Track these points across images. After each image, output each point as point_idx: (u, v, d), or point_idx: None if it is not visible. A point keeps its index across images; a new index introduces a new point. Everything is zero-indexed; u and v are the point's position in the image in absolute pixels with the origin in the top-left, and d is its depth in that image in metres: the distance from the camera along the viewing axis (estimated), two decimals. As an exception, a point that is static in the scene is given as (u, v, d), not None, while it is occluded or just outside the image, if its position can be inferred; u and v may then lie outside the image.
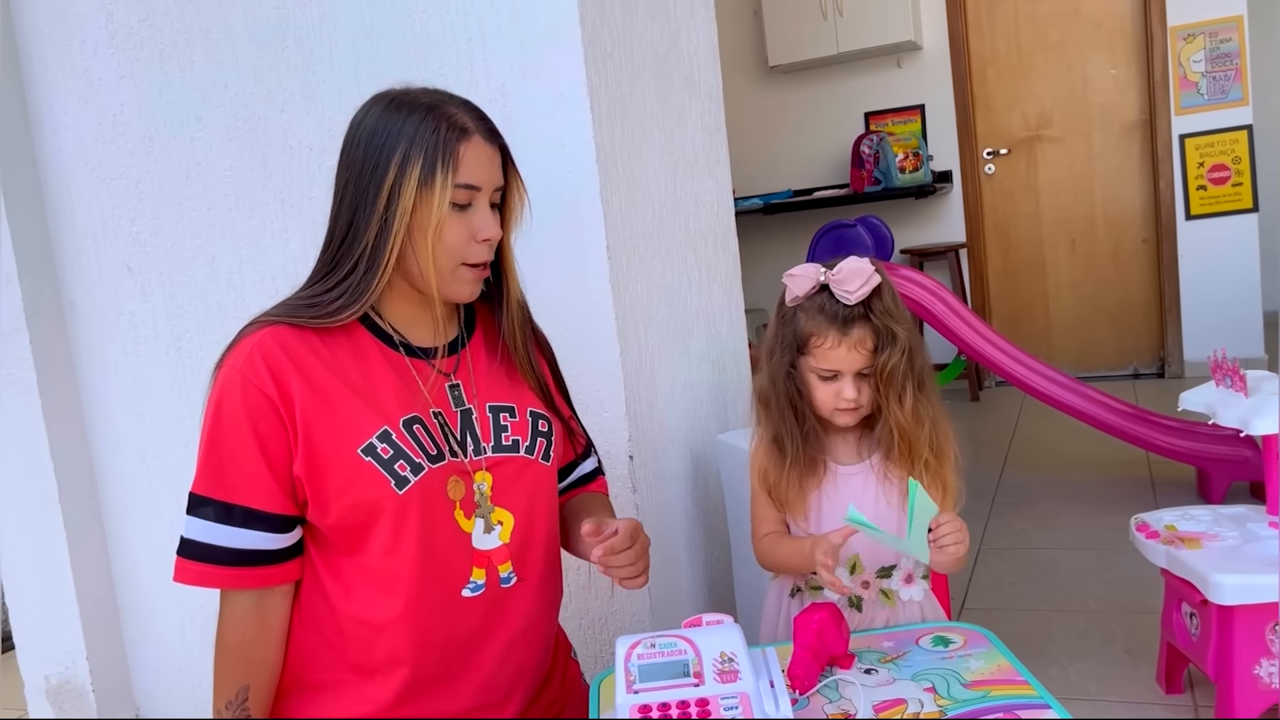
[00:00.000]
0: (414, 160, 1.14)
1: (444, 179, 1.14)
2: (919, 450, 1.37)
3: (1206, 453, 3.13)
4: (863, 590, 1.44)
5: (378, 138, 1.17)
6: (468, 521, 1.21)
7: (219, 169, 2.00)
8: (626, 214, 1.83)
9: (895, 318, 1.35)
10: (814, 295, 1.38)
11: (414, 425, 1.18)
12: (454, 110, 1.18)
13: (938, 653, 1.30)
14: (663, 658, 1.09)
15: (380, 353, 1.21)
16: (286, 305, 1.20)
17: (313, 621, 1.21)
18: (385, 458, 1.15)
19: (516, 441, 1.26)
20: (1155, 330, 5.02)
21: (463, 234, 1.18)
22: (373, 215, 1.15)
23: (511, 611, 1.25)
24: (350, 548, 1.18)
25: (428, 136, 1.15)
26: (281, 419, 1.13)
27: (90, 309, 2.16)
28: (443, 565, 1.19)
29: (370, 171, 1.16)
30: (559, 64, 1.72)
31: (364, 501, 1.15)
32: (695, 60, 2.23)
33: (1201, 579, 1.79)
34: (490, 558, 1.22)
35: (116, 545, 2.23)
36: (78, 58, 2.08)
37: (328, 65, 1.88)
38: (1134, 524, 2.03)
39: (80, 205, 2.13)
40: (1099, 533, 2.96)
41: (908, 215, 5.17)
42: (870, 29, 5.00)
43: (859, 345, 1.34)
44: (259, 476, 1.14)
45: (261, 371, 1.13)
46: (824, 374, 1.38)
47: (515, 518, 1.24)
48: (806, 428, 1.41)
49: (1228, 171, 4.72)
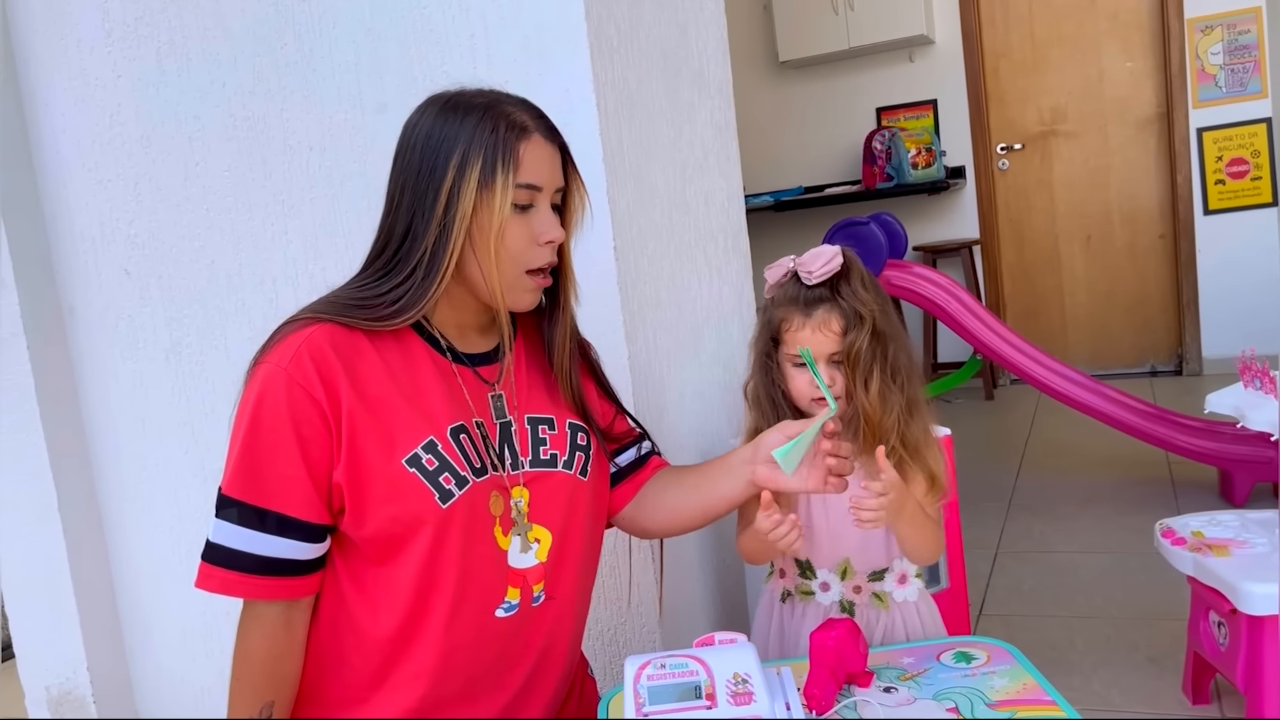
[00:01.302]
0: (473, 161, 1.11)
1: (504, 179, 1.11)
2: (885, 438, 1.32)
3: (1229, 453, 3.07)
4: (855, 595, 1.42)
5: (434, 140, 1.13)
6: (505, 539, 1.17)
7: (217, 169, 1.96)
8: (634, 213, 1.78)
9: (864, 301, 1.33)
10: (784, 282, 1.39)
11: (460, 435, 1.14)
12: (512, 109, 1.15)
13: (960, 670, 1.25)
14: (673, 679, 1.05)
15: (429, 358, 1.17)
16: (333, 303, 1.15)
17: (331, 636, 1.17)
18: (430, 469, 1.11)
19: (554, 456, 1.22)
20: (1173, 327, 4.94)
21: (524, 236, 1.14)
22: (431, 219, 1.12)
23: (539, 631, 1.21)
24: (383, 559, 1.13)
25: (486, 136, 1.11)
26: (327, 423, 1.09)
27: (89, 314, 2.12)
28: (479, 584, 1.15)
29: (428, 175, 1.13)
30: (564, 59, 1.67)
31: (405, 514, 1.10)
32: (704, 55, 2.17)
33: (1231, 588, 1.73)
34: (525, 577, 1.18)
35: (117, 553, 2.19)
36: (74, 57, 2.04)
37: (328, 63, 1.84)
38: (1159, 530, 1.97)
39: (78, 208, 2.09)
40: (1119, 535, 2.90)
41: (920, 212, 5.11)
42: (881, 23, 4.94)
43: (823, 326, 1.33)
44: (298, 482, 1.09)
45: (309, 371, 1.08)
46: (796, 361, 1.36)
47: (552, 535, 1.20)
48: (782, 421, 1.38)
49: (1247, 165, 4.65)
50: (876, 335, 1.33)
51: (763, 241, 2.54)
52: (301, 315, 1.14)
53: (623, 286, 1.71)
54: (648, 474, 1.38)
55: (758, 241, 2.45)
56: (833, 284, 1.34)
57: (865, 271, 1.38)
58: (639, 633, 1.77)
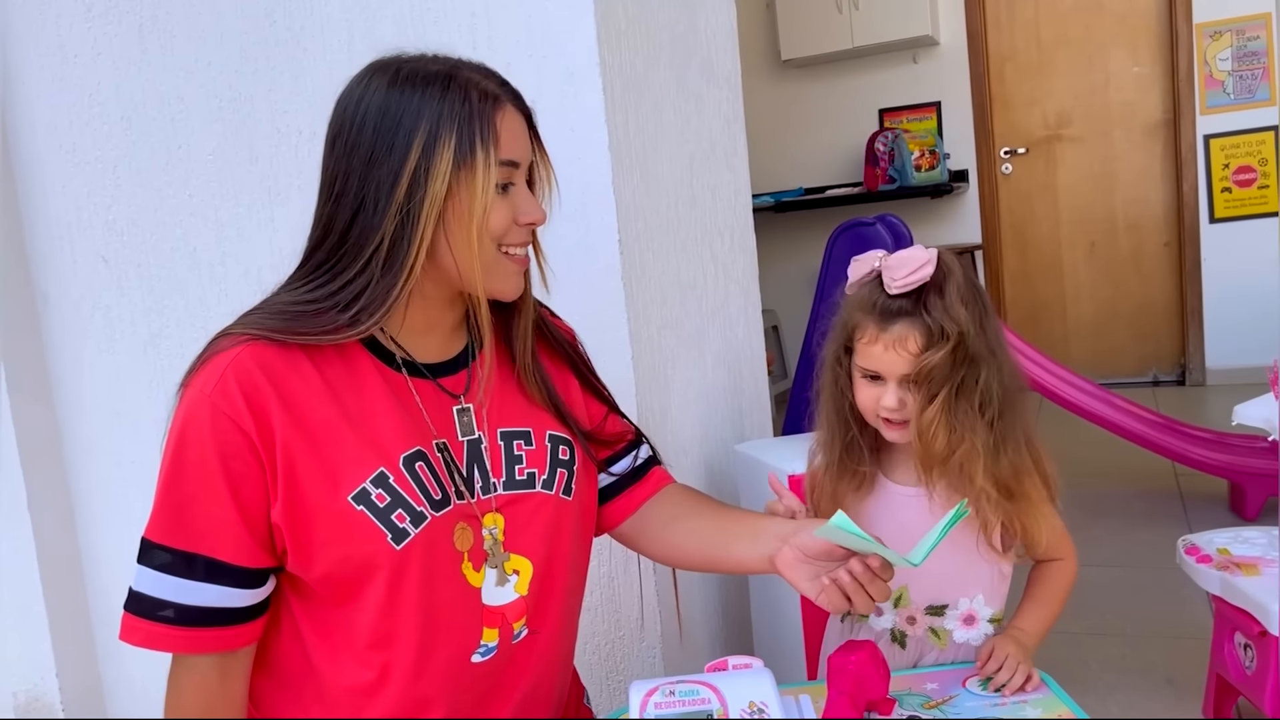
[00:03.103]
0: (444, 138, 0.96)
1: (486, 156, 0.97)
2: (971, 479, 1.16)
3: (1241, 466, 2.99)
4: (908, 626, 1.28)
5: (389, 115, 0.98)
6: (476, 574, 1.03)
7: (202, 153, 1.86)
8: (640, 206, 1.69)
9: (954, 316, 1.14)
10: (866, 283, 1.21)
11: (416, 463, 1.00)
12: (477, 76, 1.01)
13: (989, 699, 1.17)
14: (683, 707, 0.95)
15: (379, 373, 1.02)
16: (270, 313, 0.99)
17: (288, 682, 1.04)
18: (381, 506, 0.97)
19: (532, 475, 1.08)
20: (1176, 336, 4.88)
21: (506, 219, 1.01)
22: (389, 206, 0.96)
23: (522, 669, 1.07)
24: (339, 603, 1.00)
25: (457, 109, 0.97)
26: (259, 457, 0.95)
27: (63, 302, 2.02)
28: (448, 629, 1.02)
29: (385, 155, 0.97)
30: (569, 41, 1.58)
31: (355, 556, 0.97)
32: (714, 44, 2.09)
33: (1262, 609, 1.65)
34: (504, 614, 1.05)
35: (89, 554, 2.09)
36: (51, 32, 1.94)
37: (319, 42, 1.75)
38: (1182, 547, 1.89)
39: (53, 191, 1.99)
40: (1129, 549, 2.82)
41: (922, 215, 5.04)
42: (886, 23, 4.86)
43: (899, 344, 1.15)
44: (227, 523, 0.95)
45: (236, 399, 0.94)
46: (868, 373, 1.20)
47: (534, 565, 1.07)
48: (850, 435, 1.24)
49: (1254, 173, 4.58)
50: (961, 354, 1.15)
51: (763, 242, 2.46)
52: (233, 330, 0.99)
53: (627, 282, 1.63)
54: (650, 489, 1.23)
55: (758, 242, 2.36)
56: (920, 294, 1.16)
57: (967, 281, 1.18)
58: (637, 649, 1.68)
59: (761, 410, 2.21)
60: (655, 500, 1.22)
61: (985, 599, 1.28)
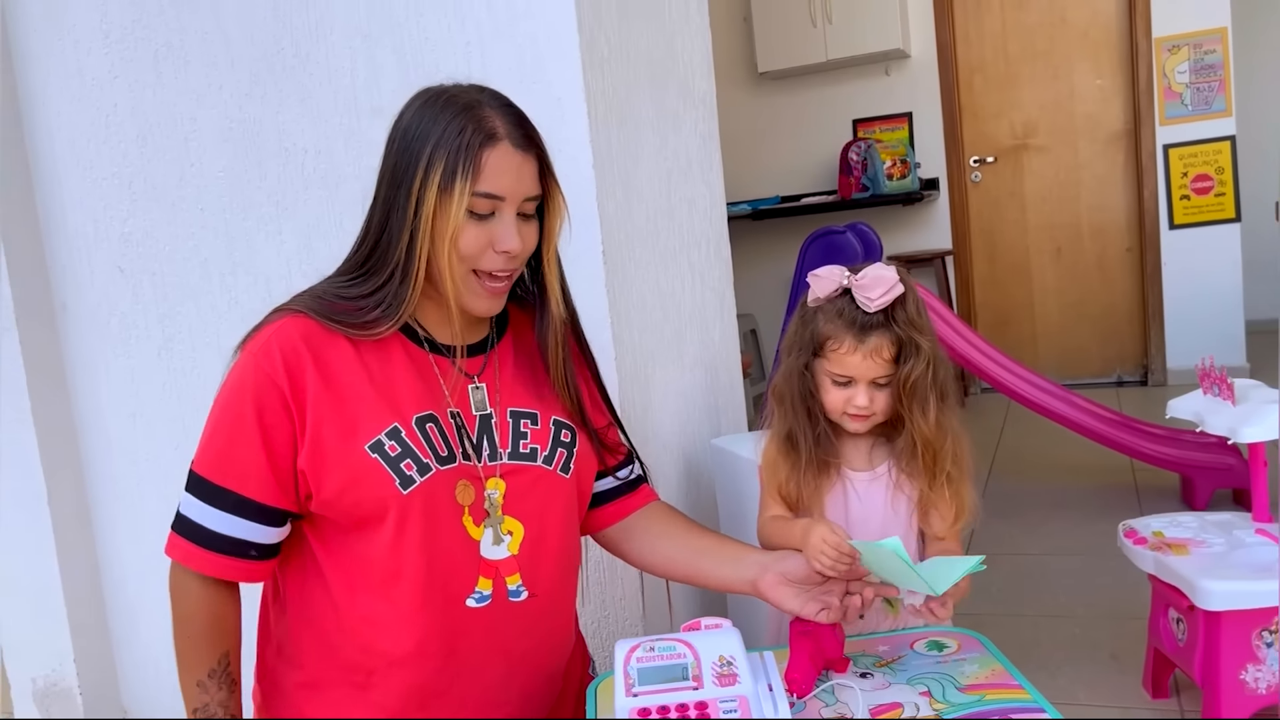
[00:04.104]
0: (437, 164, 1.10)
1: (462, 185, 1.10)
2: (942, 463, 1.35)
3: (1191, 460, 3.16)
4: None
5: (410, 136, 1.13)
6: (477, 529, 1.18)
7: (213, 170, 2.00)
8: (622, 218, 1.84)
9: (918, 328, 1.32)
10: (835, 299, 1.36)
11: (427, 424, 1.16)
12: (489, 113, 1.13)
13: (932, 657, 1.31)
14: (662, 661, 1.09)
15: (404, 348, 1.19)
16: (318, 299, 1.17)
17: (312, 618, 1.20)
18: (392, 455, 1.13)
19: (535, 450, 1.22)
20: (1139, 338, 5.06)
21: (480, 243, 1.14)
22: (404, 219, 1.12)
23: (519, 628, 1.21)
24: (354, 542, 1.16)
25: (453, 139, 1.10)
26: (290, 412, 1.12)
27: (81, 310, 2.15)
28: (447, 570, 1.16)
29: (403, 172, 1.13)
30: (557, 69, 1.72)
31: (368, 498, 1.13)
32: (690, 67, 2.24)
33: (1189, 585, 1.80)
34: (498, 568, 1.19)
35: (105, 547, 2.22)
36: (71, 57, 2.07)
37: (324, 68, 1.88)
38: (1122, 530, 2.05)
39: (72, 205, 2.12)
40: (1085, 539, 2.98)
41: (895, 222, 5.20)
42: (859, 37, 5.03)
43: (875, 354, 1.33)
44: (255, 465, 1.12)
45: (276, 361, 1.12)
46: (838, 379, 1.36)
47: (525, 529, 1.21)
48: (819, 429, 1.40)
49: (1211, 181, 4.77)
50: (930, 362, 1.33)
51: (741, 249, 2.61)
52: (285, 306, 1.18)
53: (610, 289, 1.77)
54: (639, 502, 1.37)
55: (736, 250, 2.51)
56: (888, 310, 1.33)
57: (918, 297, 1.36)
58: (622, 626, 1.82)
59: (736, 407, 2.36)
60: (642, 513, 1.38)
61: None
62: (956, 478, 1.37)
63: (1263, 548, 1.87)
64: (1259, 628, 1.80)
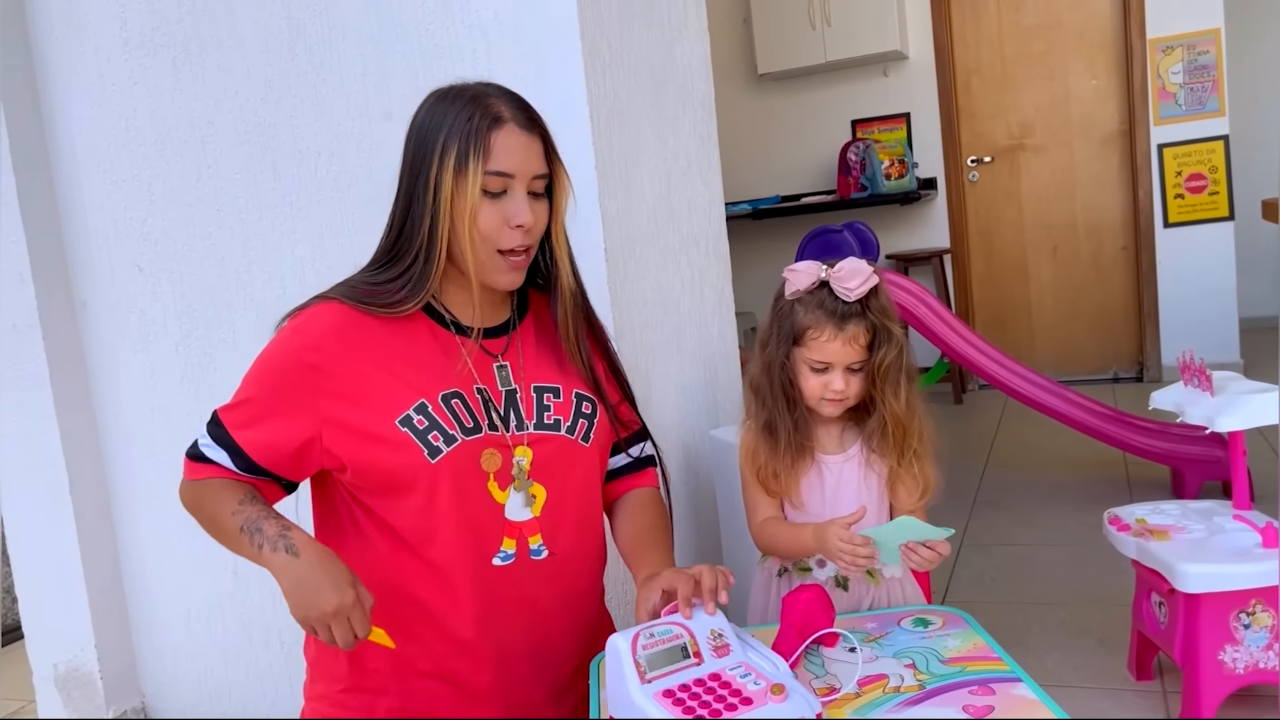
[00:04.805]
0: (450, 149, 1.20)
1: (475, 165, 1.20)
2: (910, 440, 1.46)
3: (1180, 453, 3.23)
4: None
5: (424, 130, 1.24)
6: (502, 493, 1.28)
7: (229, 172, 2.07)
8: (623, 218, 1.91)
9: (890, 316, 1.44)
10: (814, 291, 1.46)
11: (453, 400, 1.25)
12: (493, 100, 1.24)
13: (918, 633, 1.38)
14: (664, 644, 1.15)
15: (430, 332, 1.29)
16: (352, 287, 1.28)
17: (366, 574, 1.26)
18: (420, 428, 1.22)
19: (558, 421, 1.32)
20: (1134, 335, 5.12)
21: (496, 220, 1.23)
22: (424, 206, 1.22)
23: (541, 584, 1.31)
24: (391, 506, 1.26)
25: (462, 125, 1.21)
26: (316, 392, 1.22)
27: (101, 307, 2.22)
28: (474, 531, 1.26)
29: (420, 164, 1.23)
30: (560, 74, 1.79)
31: (400, 467, 1.22)
32: (689, 70, 2.31)
33: (1169, 569, 1.87)
34: (521, 529, 1.29)
35: (125, 537, 2.29)
36: (91, 63, 2.14)
37: (336, 73, 1.95)
38: (1106, 518, 2.12)
39: (92, 206, 2.19)
40: (1076, 529, 3.05)
41: (893, 221, 5.27)
42: (857, 39, 5.09)
43: (853, 340, 1.43)
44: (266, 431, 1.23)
45: (311, 338, 1.23)
46: (816, 366, 1.46)
47: (548, 493, 1.31)
48: (797, 415, 1.49)
49: (1205, 180, 4.83)
50: (900, 347, 1.44)
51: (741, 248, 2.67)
52: (322, 294, 1.28)
53: (612, 287, 1.84)
54: (638, 483, 1.46)
55: (736, 248, 2.58)
56: (864, 300, 1.43)
57: (885, 286, 1.47)
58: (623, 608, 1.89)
59: (734, 400, 2.43)
60: (635, 493, 1.46)
61: None
62: (922, 454, 1.47)
63: (1241, 533, 1.94)
64: (1237, 610, 1.87)
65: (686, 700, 1.09)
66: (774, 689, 1.10)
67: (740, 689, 1.11)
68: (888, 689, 1.23)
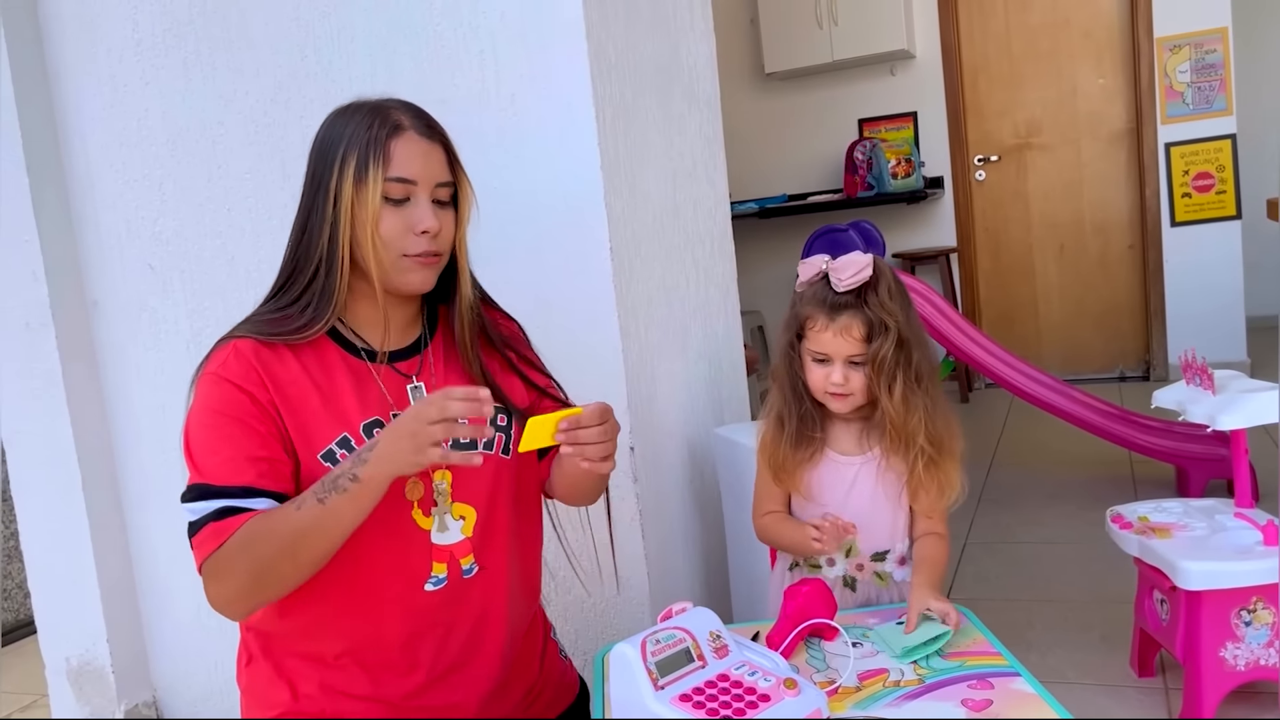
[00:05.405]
0: (350, 159, 1.20)
1: (375, 173, 1.19)
2: (912, 439, 1.44)
3: (1185, 451, 3.24)
4: (857, 572, 1.54)
5: (324, 144, 1.25)
6: (426, 519, 1.26)
7: (239, 172, 2.09)
8: (628, 218, 1.92)
9: (889, 311, 1.43)
10: (815, 282, 1.48)
11: (374, 429, 1.23)
12: (391, 109, 1.24)
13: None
14: (671, 650, 1.16)
15: (343, 360, 1.26)
16: (253, 321, 1.26)
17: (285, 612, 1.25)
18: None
19: (474, 440, 1.27)
20: (1141, 334, 5.13)
21: (399, 226, 1.21)
22: (323, 218, 1.21)
23: (473, 600, 1.30)
24: None
25: (362, 134, 1.21)
26: (262, 408, 1.18)
27: (113, 306, 2.25)
28: (400, 561, 1.25)
29: (320, 177, 1.23)
30: (566, 75, 1.81)
31: None
32: (694, 71, 2.33)
33: (1171, 566, 1.88)
34: (452, 552, 1.27)
35: (136, 532, 2.31)
36: (103, 64, 2.17)
37: (345, 74, 1.97)
38: (1109, 516, 2.13)
39: (105, 206, 2.22)
40: (1080, 528, 3.06)
41: (900, 220, 5.28)
42: (864, 38, 5.10)
43: (845, 331, 1.43)
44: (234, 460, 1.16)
45: (236, 371, 1.19)
46: (817, 356, 1.47)
47: (477, 512, 1.29)
48: (803, 408, 1.51)
49: (1212, 179, 4.83)
50: (900, 342, 1.43)
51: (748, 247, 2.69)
52: (225, 336, 1.25)
53: (618, 285, 1.86)
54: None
55: (743, 247, 2.60)
56: (860, 291, 1.43)
57: (894, 280, 1.47)
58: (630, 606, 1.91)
59: (739, 398, 2.45)
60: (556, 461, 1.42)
61: (906, 543, 1.55)
62: (935, 457, 1.45)
63: (1243, 531, 1.95)
64: (1238, 607, 1.88)
65: (706, 703, 1.10)
66: (786, 684, 1.12)
67: (753, 686, 1.13)
68: (888, 683, 1.25)
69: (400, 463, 1.10)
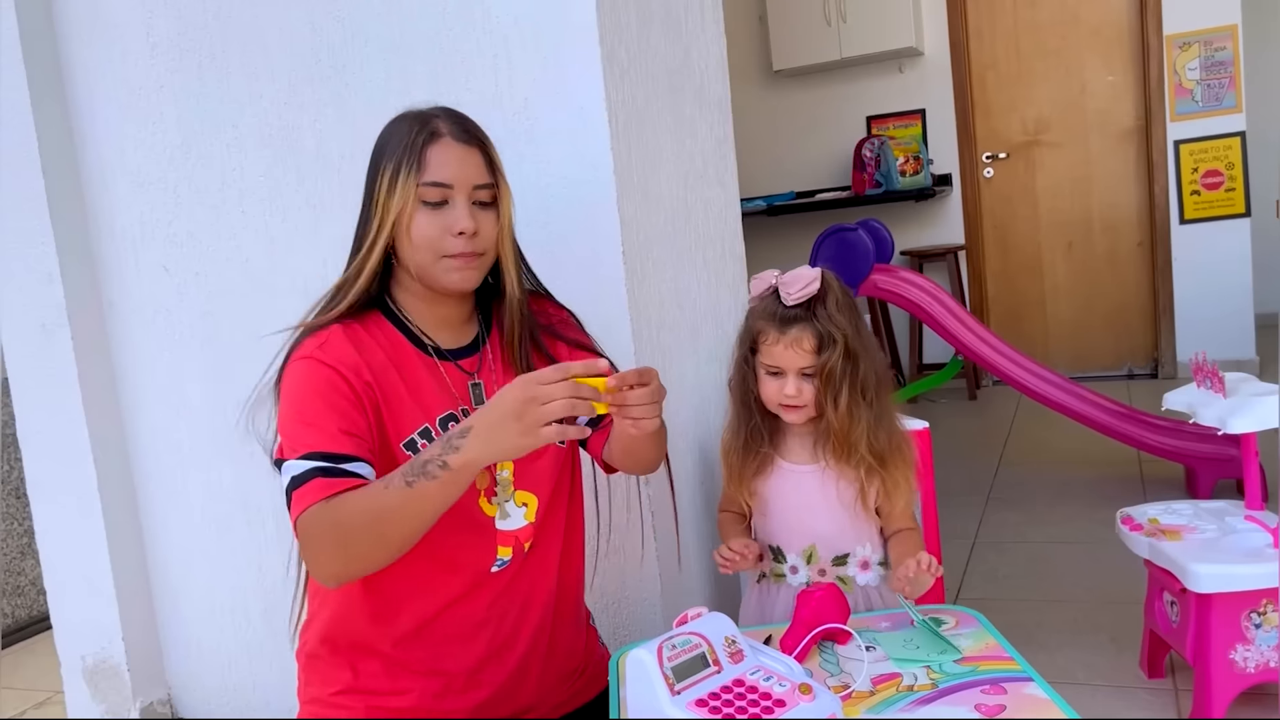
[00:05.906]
0: (388, 166, 1.28)
1: (409, 177, 1.26)
2: (856, 449, 1.48)
3: (1194, 451, 3.24)
4: (819, 578, 1.57)
5: (374, 153, 1.33)
6: (490, 506, 1.34)
7: (253, 174, 2.11)
8: (640, 221, 1.93)
9: (837, 323, 1.46)
10: (766, 296, 1.52)
11: (449, 423, 1.31)
12: (433, 117, 1.31)
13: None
14: (687, 655, 1.17)
15: (417, 357, 1.34)
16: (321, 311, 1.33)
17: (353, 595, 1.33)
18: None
19: None
20: (1149, 332, 5.12)
21: (435, 229, 1.27)
22: (370, 218, 1.30)
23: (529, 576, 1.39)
24: None
25: (402, 140, 1.28)
26: (355, 391, 1.24)
27: (128, 307, 2.26)
28: (468, 545, 1.33)
29: (368, 184, 1.32)
30: (579, 79, 1.82)
31: None
32: (705, 73, 2.33)
33: (1181, 569, 1.89)
34: (517, 536, 1.36)
35: (151, 532, 2.33)
36: (118, 68, 2.18)
37: (359, 78, 1.98)
38: (1119, 517, 2.13)
39: (120, 208, 2.23)
40: (1089, 528, 3.07)
41: (908, 218, 5.28)
42: (872, 35, 5.11)
43: (796, 344, 1.47)
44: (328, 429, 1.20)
45: (334, 356, 1.25)
46: (770, 369, 1.50)
47: (539, 498, 1.37)
48: (753, 422, 1.55)
49: (1221, 177, 4.83)
50: (848, 354, 1.46)
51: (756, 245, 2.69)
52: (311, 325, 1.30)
53: (630, 288, 1.87)
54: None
55: (751, 245, 2.60)
56: (810, 305, 1.47)
57: (842, 293, 1.50)
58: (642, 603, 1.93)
59: (750, 400, 2.45)
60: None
61: (871, 548, 1.58)
62: (875, 466, 1.48)
63: (1253, 533, 1.96)
64: (1248, 609, 1.89)
65: (723, 708, 1.11)
66: (801, 689, 1.13)
67: (768, 691, 1.14)
68: (901, 688, 1.25)
69: (505, 446, 1.10)
